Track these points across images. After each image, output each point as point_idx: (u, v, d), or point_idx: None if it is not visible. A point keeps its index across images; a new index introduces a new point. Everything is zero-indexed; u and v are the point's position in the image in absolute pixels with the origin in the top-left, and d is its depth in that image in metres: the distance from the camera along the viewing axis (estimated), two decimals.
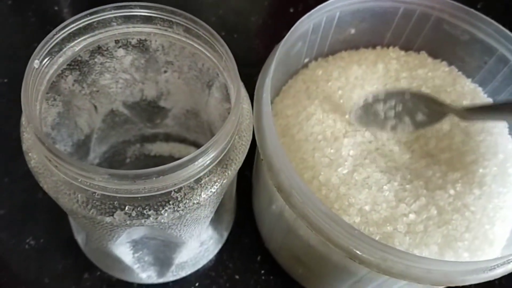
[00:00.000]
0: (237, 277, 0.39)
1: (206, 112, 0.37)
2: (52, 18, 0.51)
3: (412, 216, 0.32)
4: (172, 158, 0.43)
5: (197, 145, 0.43)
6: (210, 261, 0.39)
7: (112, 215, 0.25)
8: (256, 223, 0.40)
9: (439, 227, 0.31)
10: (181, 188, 0.26)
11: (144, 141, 0.42)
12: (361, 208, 0.30)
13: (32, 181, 0.27)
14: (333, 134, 0.33)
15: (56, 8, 0.51)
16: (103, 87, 0.34)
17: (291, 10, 0.54)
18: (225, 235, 0.39)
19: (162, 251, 0.34)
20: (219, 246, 0.39)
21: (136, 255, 0.34)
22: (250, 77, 0.31)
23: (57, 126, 0.32)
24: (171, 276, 0.37)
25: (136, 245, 0.33)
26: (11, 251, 0.38)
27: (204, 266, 0.38)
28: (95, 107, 0.36)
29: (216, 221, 0.36)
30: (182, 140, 0.43)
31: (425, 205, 0.32)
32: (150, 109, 0.38)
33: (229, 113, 0.33)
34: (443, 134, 0.36)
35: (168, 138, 0.43)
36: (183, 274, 0.37)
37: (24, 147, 0.27)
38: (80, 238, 0.37)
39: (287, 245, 0.34)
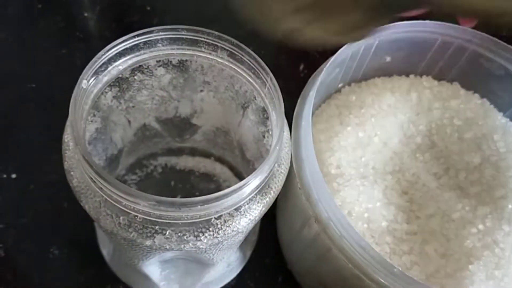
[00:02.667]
0: None
1: (238, 132, 0.37)
2: (81, 24, 0.51)
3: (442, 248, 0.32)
4: (196, 172, 0.43)
5: (222, 161, 0.43)
6: (232, 280, 0.39)
7: (153, 239, 0.25)
8: (279, 243, 0.40)
9: (469, 263, 0.31)
10: (221, 215, 0.26)
11: (170, 154, 0.42)
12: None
13: (57, 189, 0.27)
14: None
15: (85, 14, 0.51)
16: (139, 103, 0.35)
17: None
18: (248, 254, 0.39)
19: (190, 271, 0.34)
20: (242, 266, 0.39)
21: (163, 273, 0.34)
22: None
23: (93, 141, 0.32)
24: None
25: (165, 263, 0.33)
26: (34, 260, 0.38)
27: (226, 284, 0.38)
28: (129, 121, 0.36)
29: (243, 241, 0.36)
30: (208, 156, 0.43)
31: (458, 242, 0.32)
32: (181, 125, 0.38)
33: (264, 136, 0.33)
34: (474, 167, 0.36)
35: (194, 152, 0.43)
36: None
37: (66, 165, 0.27)
38: (105, 251, 0.37)
39: (315, 271, 0.34)
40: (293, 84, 0.50)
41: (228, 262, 0.35)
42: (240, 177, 0.42)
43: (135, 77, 0.32)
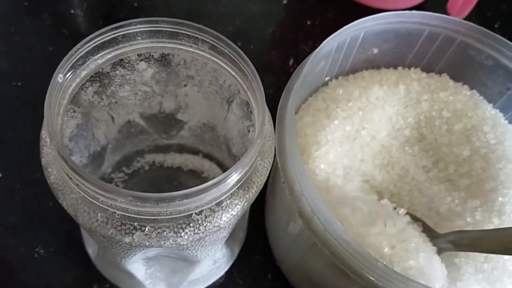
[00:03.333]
0: None
1: (224, 127, 0.37)
2: (68, 22, 0.51)
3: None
4: (184, 169, 0.42)
5: (211, 158, 0.42)
6: (221, 277, 0.38)
7: (132, 236, 0.25)
8: (268, 240, 0.40)
9: (458, 257, 0.31)
10: (202, 210, 0.25)
11: (157, 151, 0.42)
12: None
13: (44, 188, 0.26)
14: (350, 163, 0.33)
15: (72, 11, 0.51)
16: (121, 98, 0.34)
17: (308, 23, 0.54)
18: (237, 251, 0.39)
19: (175, 268, 0.34)
20: (231, 263, 0.38)
21: (148, 271, 0.33)
22: (266, 89, 0.31)
23: (74, 138, 0.32)
24: None
25: (149, 261, 0.33)
26: (20, 259, 0.38)
27: (214, 282, 0.38)
28: (112, 118, 0.35)
29: (229, 238, 0.35)
30: (196, 152, 0.42)
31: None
32: (167, 121, 0.38)
33: (249, 130, 0.33)
34: (463, 159, 0.36)
35: (181, 149, 0.42)
36: None
37: (43, 161, 0.27)
38: (91, 250, 0.37)
39: (302, 267, 0.33)
40: (283, 79, 0.50)
41: (214, 259, 0.34)
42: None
43: (116, 72, 0.31)
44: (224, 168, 0.41)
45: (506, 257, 0.31)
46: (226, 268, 0.38)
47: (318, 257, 0.29)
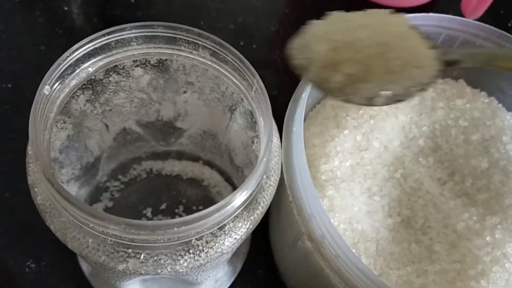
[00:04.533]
0: None
1: (226, 136, 0.34)
2: (61, 19, 0.48)
3: (444, 265, 0.29)
4: (184, 177, 0.40)
5: (211, 165, 0.40)
6: None
7: (126, 263, 0.23)
8: (272, 253, 0.37)
9: (476, 281, 0.29)
10: (202, 236, 0.23)
11: (155, 158, 0.40)
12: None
13: None
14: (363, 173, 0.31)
15: (65, 8, 0.48)
16: (116, 106, 0.32)
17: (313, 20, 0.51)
18: (239, 267, 0.36)
19: None
20: (233, 279, 0.36)
21: None
22: (269, 90, 0.28)
23: (65, 150, 0.29)
24: None
25: (145, 282, 0.30)
26: (10, 274, 0.36)
27: None
28: (107, 126, 0.33)
29: (233, 255, 0.33)
30: (196, 159, 0.40)
31: (461, 254, 0.30)
32: (165, 129, 0.36)
33: (252, 141, 0.31)
34: (481, 172, 0.33)
35: (181, 156, 0.40)
36: None
37: (30, 180, 0.24)
38: (85, 265, 0.35)
39: (310, 287, 0.31)
40: (287, 79, 0.48)
41: (215, 279, 0.32)
42: (230, 182, 0.39)
43: (110, 79, 0.29)
44: (225, 176, 0.39)
45: None
46: (228, 285, 0.36)
47: (327, 281, 0.27)
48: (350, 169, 0.32)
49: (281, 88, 0.41)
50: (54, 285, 0.36)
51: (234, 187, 0.38)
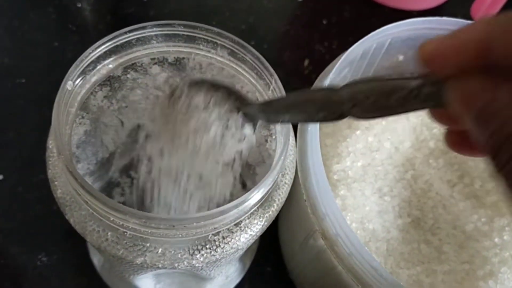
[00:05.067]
0: None
1: None
2: (74, 16, 0.49)
3: (453, 265, 0.30)
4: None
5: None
6: None
7: (144, 257, 0.23)
8: (281, 251, 0.38)
9: (484, 281, 0.29)
10: (219, 231, 0.24)
11: None
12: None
13: (47, 191, 0.25)
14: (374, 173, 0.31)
15: (79, 5, 0.49)
16: (132, 102, 0.32)
17: (324, 22, 0.52)
18: (248, 264, 0.37)
19: (185, 284, 0.32)
20: (242, 276, 0.36)
21: (158, 286, 0.32)
22: None
23: (82, 145, 0.30)
24: None
25: (159, 276, 0.31)
26: (22, 267, 0.36)
27: None
28: (122, 122, 0.33)
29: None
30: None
31: (470, 255, 0.30)
32: None
33: (266, 140, 0.31)
34: (490, 174, 0.34)
35: None
36: None
37: (50, 174, 0.25)
38: (96, 259, 0.35)
39: (320, 285, 0.31)
40: (297, 81, 0.48)
41: (226, 275, 0.33)
42: (240, 181, 0.39)
43: (128, 76, 0.29)
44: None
45: None
46: (237, 281, 0.36)
47: (338, 279, 0.27)
48: (361, 169, 0.32)
49: (290, 89, 0.41)
50: (65, 279, 0.36)
51: (244, 185, 0.38)
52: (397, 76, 0.18)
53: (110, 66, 0.26)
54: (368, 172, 0.32)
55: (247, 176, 0.37)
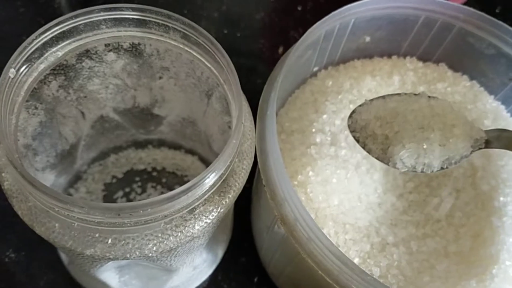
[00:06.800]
0: None
1: (204, 122, 0.34)
2: (43, 9, 0.48)
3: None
4: (165, 165, 0.40)
5: (193, 153, 0.40)
6: (204, 281, 0.36)
7: (93, 248, 0.22)
8: (254, 241, 0.37)
9: (457, 265, 0.29)
10: (172, 219, 0.23)
11: (136, 147, 0.39)
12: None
13: None
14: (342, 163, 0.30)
15: None
16: (91, 92, 0.31)
17: (299, 8, 0.51)
18: (220, 254, 0.36)
19: (152, 276, 0.31)
20: (214, 267, 0.36)
21: (122, 279, 0.31)
22: (254, 81, 0.28)
23: (38, 136, 0.29)
24: None
25: (122, 269, 0.30)
26: None
27: (197, 287, 0.36)
28: (83, 113, 0.32)
29: (211, 242, 0.33)
30: (178, 147, 0.40)
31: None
32: (143, 116, 0.35)
33: (229, 127, 0.30)
34: None
35: (162, 144, 0.40)
36: None
37: None
38: (64, 255, 0.34)
39: (288, 272, 0.31)
40: (271, 68, 0.47)
41: (193, 266, 0.32)
42: None
43: (83, 64, 0.29)
44: (207, 164, 0.39)
45: None
46: (209, 272, 0.36)
47: (303, 265, 0.27)
48: (328, 153, 0.31)
49: (267, 77, 0.40)
50: (34, 274, 0.36)
51: None
52: None
53: (59, 53, 0.26)
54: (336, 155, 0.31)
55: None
